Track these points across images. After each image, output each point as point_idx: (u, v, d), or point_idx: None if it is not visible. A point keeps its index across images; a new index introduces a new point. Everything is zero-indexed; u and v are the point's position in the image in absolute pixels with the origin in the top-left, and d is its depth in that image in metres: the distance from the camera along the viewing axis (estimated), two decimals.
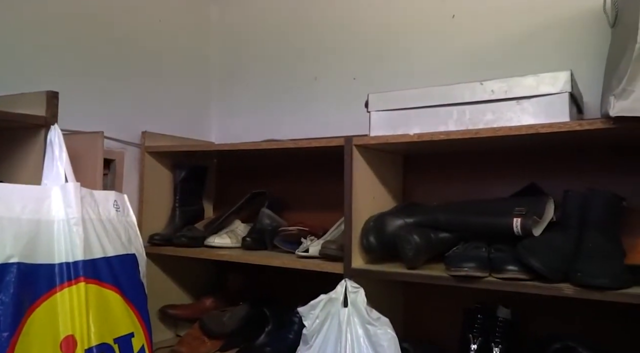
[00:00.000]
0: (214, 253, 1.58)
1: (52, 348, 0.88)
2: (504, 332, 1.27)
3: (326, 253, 1.36)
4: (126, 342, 0.98)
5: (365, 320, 1.20)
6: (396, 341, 1.19)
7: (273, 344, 1.52)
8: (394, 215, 1.35)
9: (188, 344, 1.63)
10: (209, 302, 1.78)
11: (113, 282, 1.00)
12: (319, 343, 1.24)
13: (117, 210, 1.09)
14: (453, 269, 1.13)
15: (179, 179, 1.79)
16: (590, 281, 0.97)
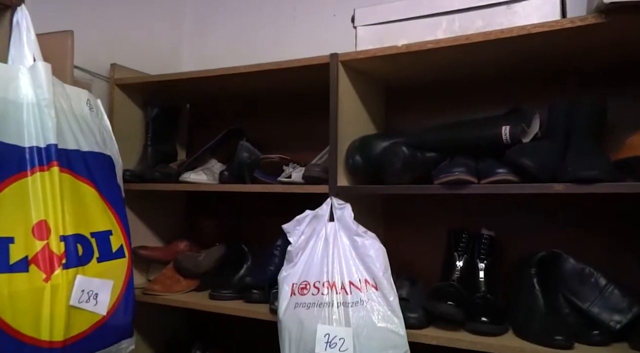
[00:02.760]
0: (190, 185, 1.51)
1: (24, 232, 0.80)
2: (488, 248, 1.27)
3: (310, 176, 1.32)
4: (104, 238, 0.91)
5: (353, 232, 1.17)
6: (384, 251, 1.17)
7: (253, 276, 1.47)
8: (379, 137, 1.33)
9: (162, 283, 1.55)
10: (182, 245, 1.71)
11: (88, 177, 0.93)
12: (305, 259, 1.20)
13: (90, 110, 1.01)
14: (442, 176, 1.11)
15: (150, 117, 1.70)
16: (581, 174, 0.97)
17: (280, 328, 1.17)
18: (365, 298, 1.12)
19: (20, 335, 0.80)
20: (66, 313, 0.86)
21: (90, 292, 0.89)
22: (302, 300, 1.15)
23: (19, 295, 0.80)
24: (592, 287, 1.08)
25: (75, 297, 0.87)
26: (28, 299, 0.81)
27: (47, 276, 0.83)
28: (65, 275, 0.85)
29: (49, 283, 0.83)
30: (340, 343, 1.07)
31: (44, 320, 0.83)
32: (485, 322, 1.10)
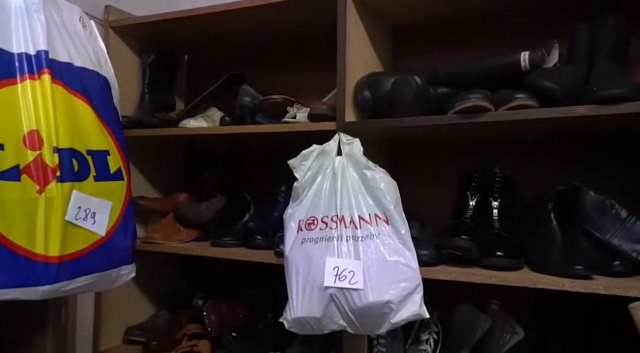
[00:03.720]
0: (189, 129, 1.45)
1: (14, 140, 0.75)
2: (502, 187, 1.22)
3: (316, 113, 1.26)
4: (101, 158, 0.85)
5: (363, 165, 1.12)
6: (395, 185, 1.12)
7: (256, 221, 1.42)
8: (388, 73, 1.27)
9: (162, 231, 1.50)
10: (182, 196, 1.65)
11: (82, 93, 0.87)
12: (312, 195, 1.15)
13: (83, 27, 0.94)
14: (457, 104, 1.06)
15: (147, 62, 1.63)
16: (606, 93, 0.92)
17: (286, 265, 1.12)
18: (375, 233, 1.07)
19: (13, 246, 0.75)
20: (62, 228, 0.81)
21: (88, 211, 0.84)
22: (310, 235, 1.11)
23: (10, 203, 0.75)
24: (612, 219, 1.04)
25: (71, 212, 0.82)
26: (21, 209, 0.76)
27: (40, 188, 0.78)
28: (60, 189, 0.80)
29: (42, 195, 0.78)
30: (350, 276, 1.03)
31: (38, 232, 0.78)
32: (501, 256, 1.06)
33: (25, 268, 0.77)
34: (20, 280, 0.76)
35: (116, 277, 0.95)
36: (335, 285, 1.03)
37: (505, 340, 1.22)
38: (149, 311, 1.67)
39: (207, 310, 1.44)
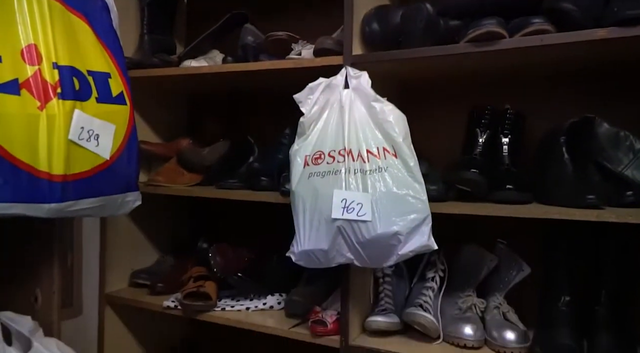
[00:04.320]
0: (191, 69, 1.41)
1: (11, 53, 0.72)
2: (513, 123, 1.19)
3: (323, 48, 1.22)
4: (102, 80, 0.83)
5: (371, 98, 1.09)
6: (404, 118, 1.09)
7: (261, 162, 1.40)
8: (397, 6, 1.22)
9: (165, 174, 1.49)
10: (185, 142, 1.63)
11: (82, 12, 0.83)
12: (318, 129, 1.13)
13: None
14: (471, 31, 1.02)
15: (145, 1, 1.57)
16: (629, 13, 0.87)
17: (293, 200, 1.11)
18: (383, 166, 1.05)
19: (16, 160, 0.74)
20: (65, 147, 0.79)
21: (91, 132, 0.82)
22: (317, 169, 1.09)
23: (11, 118, 0.73)
24: (626, 150, 1.02)
25: (74, 132, 0.80)
26: (22, 124, 0.74)
27: (41, 104, 0.76)
28: (62, 107, 0.78)
29: (44, 112, 0.76)
30: (358, 208, 1.01)
31: (41, 149, 0.77)
32: (511, 189, 1.05)
33: (28, 184, 0.76)
34: (25, 195, 0.75)
35: (122, 203, 0.94)
36: (343, 217, 1.02)
37: (511, 277, 1.23)
38: (154, 256, 1.67)
39: (212, 252, 1.44)
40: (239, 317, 1.34)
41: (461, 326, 1.16)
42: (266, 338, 1.63)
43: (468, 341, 1.14)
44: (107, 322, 1.51)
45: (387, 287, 1.28)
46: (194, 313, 1.37)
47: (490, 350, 1.13)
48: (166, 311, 1.41)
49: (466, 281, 1.26)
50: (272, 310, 1.39)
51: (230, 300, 1.42)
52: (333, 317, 1.23)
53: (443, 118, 1.39)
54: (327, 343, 1.21)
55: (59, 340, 0.93)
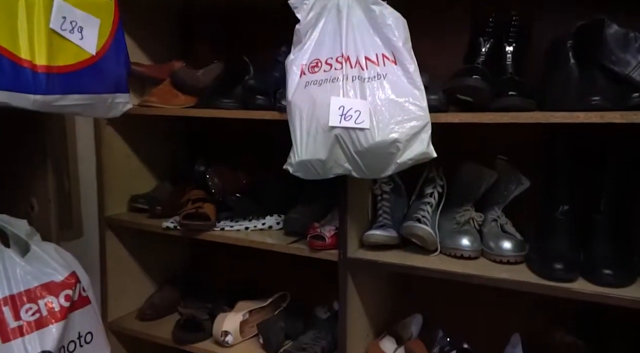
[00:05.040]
0: None
1: None
2: (518, 31, 1.14)
3: None
4: None
5: (370, 1, 1.03)
6: (404, 22, 1.04)
7: (257, 80, 1.36)
8: None
9: (159, 95, 1.45)
10: (178, 64, 1.58)
11: None
12: (315, 37, 1.08)
13: None
14: None
15: None
16: None
17: (289, 111, 1.08)
18: (382, 73, 1.02)
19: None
20: (47, 37, 0.76)
21: (74, 23, 0.78)
22: (313, 78, 1.05)
23: None
24: (635, 53, 0.98)
25: (55, 20, 0.76)
26: None
27: None
28: None
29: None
30: (356, 116, 0.99)
31: (21, 36, 0.74)
32: (514, 95, 1.02)
33: (11, 71, 0.73)
34: (8, 83, 0.73)
35: (112, 105, 0.92)
36: (341, 125, 1.00)
37: (510, 191, 1.22)
38: (152, 183, 1.67)
39: (210, 174, 1.43)
40: (239, 236, 1.35)
41: (458, 238, 1.17)
42: (265, 260, 1.66)
43: (465, 252, 1.15)
44: (108, 245, 1.53)
45: (385, 204, 1.28)
46: (193, 232, 1.38)
47: (487, 261, 1.15)
48: (166, 232, 1.42)
49: (465, 197, 1.26)
50: (271, 230, 1.40)
51: (230, 221, 1.43)
52: (331, 231, 1.23)
53: (447, 29, 1.34)
54: (325, 257, 1.23)
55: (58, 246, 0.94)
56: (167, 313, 1.59)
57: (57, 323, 0.84)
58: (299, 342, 1.37)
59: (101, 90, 0.86)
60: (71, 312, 0.88)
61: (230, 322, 1.41)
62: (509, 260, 1.11)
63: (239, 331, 1.42)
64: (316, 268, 1.37)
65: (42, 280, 0.86)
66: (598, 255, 1.01)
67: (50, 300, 0.85)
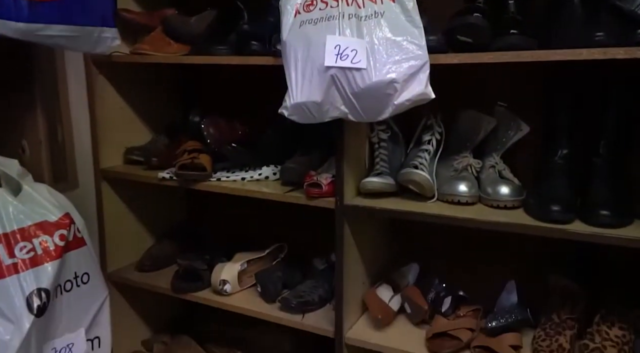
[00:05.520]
0: None
1: None
2: None
3: None
4: None
5: None
6: None
7: (251, 25, 1.31)
8: None
9: (151, 43, 1.41)
10: (170, 11, 1.53)
11: None
12: None
13: None
14: None
15: None
16: None
17: (284, 52, 1.05)
18: (380, 11, 0.99)
19: None
20: None
21: None
22: (309, 16, 1.02)
23: None
24: None
25: None
26: None
27: None
28: None
29: None
30: (353, 55, 0.96)
31: None
32: (515, 34, 0.99)
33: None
34: None
35: (98, 39, 0.89)
36: (337, 65, 0.97)
37: (508, 137, 1.21)
38: (147, 136, 1.65)
39: (204, 124, 1.41)
40: (235, 186, 1.34)
41: (456, 184, 1.16)
42: (262, 212, 1.66)
43: (462, 197, 1.14)
44: (104, 198, 1.52)
45: (382, 151, 1.26)
46: (189, 183, 1.37)
47: (484, 206, 1.14)
48: (162, 183, 1.41)
49: (463, 144, 1.24)
50: (268, 180, 1.39)
51: (226, 172, 1.41)
52: (328, 179, 1.22)
53: None
54: (322, 205, 1.22)
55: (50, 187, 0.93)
56: (166, 265, 1.60)
57: (52, 262, 0.85)
58: (296, 290, 1.39)
59: (87, 22, 0.83)
60: (66, 252, 0.88)
61: (228, 271, 1.43)
62: (506, 205, 1.11)
63: (237, 280, 1.43)
64: (313, 220, 1.37)
65: (35, 219, 0.85)
66: (596, 197, 1.00)
67: (45, 239, 0.85)
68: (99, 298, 0.98)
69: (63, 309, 0.88)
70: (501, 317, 1.16)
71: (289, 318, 1.32)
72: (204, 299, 1.43)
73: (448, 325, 1.20)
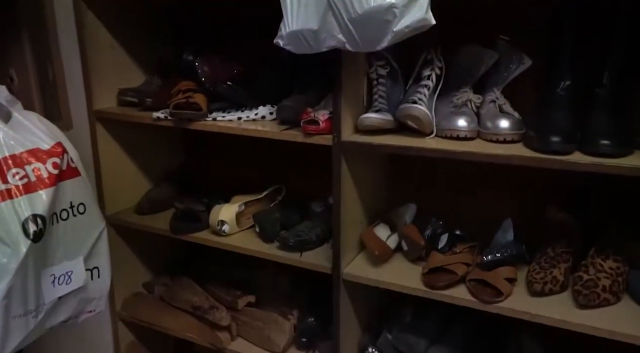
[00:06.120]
0: None
1: None
2: None
3: None
4: None
5: None
6: None
7: None
8: None
9: None
10: None
11: None
12: None
13: None
14: None
15: None
16: None
17: None
18: None
19: None
20: None
21: None
22: None
23: None
24: None
25: None
26: None
27: None
28: None
29: None
30: None
31: None
32: None
33: None
34: None
35: None
36: None
37: (510, 71, 1.18)
38: (140, 78, 1.61)
39: (199, 63, 1.37)
40: (231, 125, 1.32)
41: (455, 119, 1.15)
42: (260, 156, 1.65)
43: (461, 132, 1.13)
44: (100, 140, 1.50)
45: (381, 88, 1.24)
46: (185, 122, 1.35)
47: (483, 141, 1.13)
48: (156, 123, 1.39)
49: (463, 79, 1.21)
50: (264, 120, 1.37)
51: (222, 112, 1.39)
52: (325, 115, 1.20)
53: None
54: (319, 142, 1.20)
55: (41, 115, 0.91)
56: (164, 208, 1.61)
57: (47, 189, 0.84)
58: (294, 230, 1.39)
59: None
60: (61, 181, 0.87)
61: (226, 212, 1.43)
62: (506, 139, 1.09)
63: (235, 221, 1.44)
64: (311, 165, 1.36)
65: (27, 146, 0.84)
66: (597, 127, 0.99)
67: (38, 167, 0.83)
68: (96, 229, 0.98)
69: (60, 237, 0.88)
70: (497, 251, 1.17)
71: (287, 257, 1.33)
72: (203, 240, 1.44)
73: (444, 260, 1.21)
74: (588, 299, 1.04)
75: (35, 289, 0.84)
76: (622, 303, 1.07)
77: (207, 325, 1.50)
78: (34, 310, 0.84)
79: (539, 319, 1.05)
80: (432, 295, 1.16)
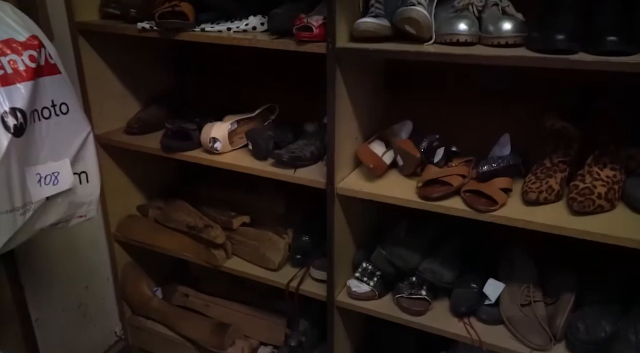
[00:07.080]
0: None
1: None
2: None
3: None
4: None
5: None
6: None
7: None
8: None
9: None
10: None
11: None
12: None
13: None
14: None
15: None
16: None
17: None
18: None
19: None
20: None
21: None
22: None
23: None
24: None
25: None
26: None
27: None
28: None
29: None
30: None
31: None
32: None
33: None
34: None
35: None
36: None
37: None
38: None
39: None
40: (221, 36, 1.26)
41: (455, 23, 1.09)
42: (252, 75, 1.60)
43: (461, 36, 1.08)
44: (83, 55, 1.44)
45: (378, 6, 1.17)
46: (171, 32, 1.29)
47: (484, 47, 1.08)
48: (142, 34, 1.33)
49: None
50: (255, 31, 1.30)
51: (210, 24, 1.32)
52: (319, 21, 1.14)
53: None
54: (312, 50, 1.15)
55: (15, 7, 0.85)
56: (154, 129, 1.56)
57: (25, 83, 0.80)
58: (288, 148, 1.37)
59: None
60: (40, 76, 0.83)
61: (218, 129, 1.39)
62: (508, 42, 1.04)
63: (227, 139, 1.40)
64: (305, 85, 1.30)
65: (0, 36, 0.79)
66: (604, 24, 0.94)
67: (14, 59, 0.79)
68: (82, 132, 0.95)
69: (43, 135, 0.85)
70: (493, 162, 1.16)
71: (281, 173, 1.31)
72: (195, 158, 1.41)
73: (439, 172, 1.19)
74: (582, 206, 1.04)
75: (21, 186, 0.81)
76: (617, 210, 1.07)
77: (203, 244, 1.51)
78: (21, 207, 0.82)
79: (533, 226, 1.05)
80: (426, 206, 1.16)
